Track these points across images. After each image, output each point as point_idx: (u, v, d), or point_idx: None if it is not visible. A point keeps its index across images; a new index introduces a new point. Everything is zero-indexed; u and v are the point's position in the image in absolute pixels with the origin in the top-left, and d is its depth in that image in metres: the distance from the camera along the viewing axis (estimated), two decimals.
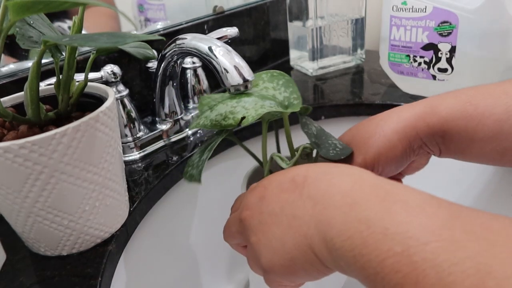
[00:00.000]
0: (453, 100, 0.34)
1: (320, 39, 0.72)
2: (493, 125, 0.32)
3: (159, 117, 0.54)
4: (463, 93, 0.34)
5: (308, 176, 0.27)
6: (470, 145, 0.34)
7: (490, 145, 0.33)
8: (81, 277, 0.34)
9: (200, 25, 0.65)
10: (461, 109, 0.33)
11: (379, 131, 0.36)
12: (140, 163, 0.51)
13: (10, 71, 0.49)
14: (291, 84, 0.38)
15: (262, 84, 0.38)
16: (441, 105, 0.34)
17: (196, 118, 0.32)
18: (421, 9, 0.57)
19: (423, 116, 0.35)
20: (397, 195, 0.22)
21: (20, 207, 0.33)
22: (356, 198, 0.23)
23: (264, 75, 0.39)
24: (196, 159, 0.37)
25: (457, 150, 0.35)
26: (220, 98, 0.37)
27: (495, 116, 0.32)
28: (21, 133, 0.34)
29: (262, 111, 0.33)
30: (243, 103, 0.35)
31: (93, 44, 0.29)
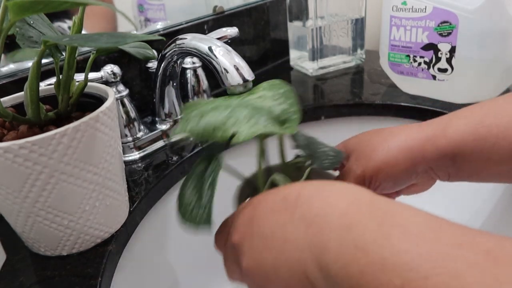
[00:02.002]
0: (464, 122, 0.32)
1: (320, 39, 0.72)
2: (509, 147, 0.31)
3: (159, 117, 0.54)
4: (474, 113, 0.33)
5: (300, 195, 0.24)
6: (484, 167, 0.33)
7: (506, 166, 0.32)
8: (81, 277, 0.34)
9: (200, 25, 0.65)
10: (473, 132, 0.32)
11: (385, 145, 0.35)
12: (140, 163, 0.51)
13: (10, 71, 0.49)
14: (291, 95, 0.35)
15: (260, 92, 0.35)
16: (451, 127, 0.33)
17: (181, 122, 0.29)
18: (421, 9, 0.57)
19: (433, 139, 0.33)
20: (396, 218, 0.20)
21: (20, 207, 0.33)
22: (353, 220, 0.21)
23: (265, 84, 0.36)
24: (192, 197, 0.31)
25: (470, 173, 0.34)
26: (212, 104, 0.31)
27: (510, 138, 0.31)
28: (21, 133, 0.34)
29: (255, 130, 0.30)
30: (237, 115, 0.30)
31: (93, 44, 0.29)
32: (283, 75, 0.77)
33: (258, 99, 0.34)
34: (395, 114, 0.62)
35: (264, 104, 0.33)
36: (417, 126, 0.36)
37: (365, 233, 0.20)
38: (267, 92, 0.35)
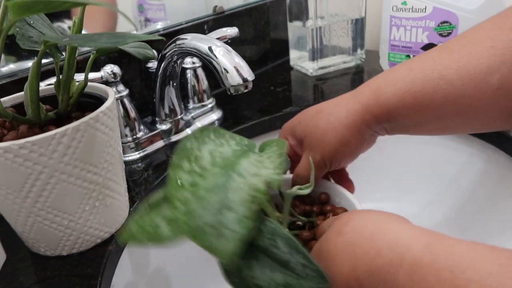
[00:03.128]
0: (393, 89, 0.35)
1: (320, 39, 0.72)
2: (433, 112, 0.35)
3: (159, 117, 0.54)
4: (403, 79, 0.35)
5: (360, 279, 0.24)
6: (414, 127, 0.37)
7: (431, 126, 0.36)
8: (81, 277, 0.34)
9: (200, 25, 0.65)
10: (401, 99, 0.35)
11: (331, 127, 0.37)
12: (140, 163, 0.51)
13: (10, 71, 0.49)
14: (222, 132, 0.31)
15: (202, 152, 0.28)
16: (382, 95, 0.36)
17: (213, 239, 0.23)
18: (421, 9, 0.57)
19: (369, 108, 0.37)
20: (465, 273, 0.20)
21: (20, 207, 0.33)
22: None
23: (189, 144, 0.28)
24: (269, 277, 0.26)
25: (402, 131, 0.38)
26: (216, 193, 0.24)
27: (434, 104, 0.34)
28: (21, 133, 0.34)
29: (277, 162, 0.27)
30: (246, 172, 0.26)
31: (93, 44, 0.29)
32: (283, 75, 0.77)
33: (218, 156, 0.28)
34: None
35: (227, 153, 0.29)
36: (352, 97, 0.38)
37: (482, 270, 0.20)
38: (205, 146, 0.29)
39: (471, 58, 0.33)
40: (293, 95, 0.68)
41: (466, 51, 0.33)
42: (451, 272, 0.20)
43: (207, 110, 0.60)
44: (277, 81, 0.74)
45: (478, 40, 0.33)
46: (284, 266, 0.26)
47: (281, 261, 0.26)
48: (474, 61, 0.33)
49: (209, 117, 0.60)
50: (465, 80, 0.33)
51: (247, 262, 0.26)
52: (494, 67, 0.32)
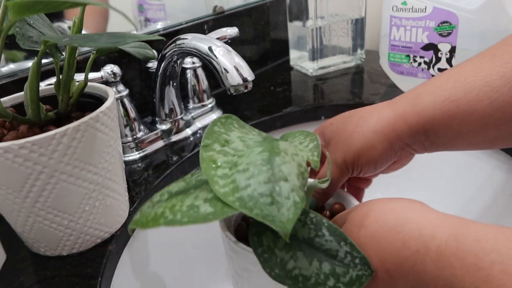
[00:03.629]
0: (432, 98, 0.33)
1: (320, 39, 0.72)
2: (478, 122, 0.32)
3: (159, 117, 0.54)
4: (442, 87, 0.33)
5: (389, 271, 0.25)
6: (456, 139, 0.34)
7: (477, 138, 0.33)
8: (81, 277, 0.34)
9: (200, 25, 0.65)
10: (442, 108, 0.32)
11: (359, 130, 0.35)
12: (140, 163, 0.51)
13: (10, 71, 0.49)
14: (241, 123, 0.30)
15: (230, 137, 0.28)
16: (420, 104, 0.33)
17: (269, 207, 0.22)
18: (421, 9, 0.57)
19: (403, 117, 0.34)
20: (489, 255, 0.21)
21: (20, 207, 0.33)
22: (449, 278, 0.22)
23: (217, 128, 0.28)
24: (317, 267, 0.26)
25: (443, 145, 0.34)
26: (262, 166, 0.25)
27: (479, 113, 0.31)
28: (21, 133, 0.34)
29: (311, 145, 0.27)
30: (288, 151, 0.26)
31: (93, 44, 0.29)
32: (283, 75, 0.77)
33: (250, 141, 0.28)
34: None
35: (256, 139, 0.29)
36: (387, 105, 0.36)
37: (465, 286, 0.21)
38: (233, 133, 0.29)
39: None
40: (293, 95, 0.68)
41: (509, 57, 0.31)
42: (476, 255, 0.21)
43: (207, 110, 0.60)
44: (277, 81, 0.74)
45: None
46: (330, 255, 0.26)
47: (327, 250, 0.26)
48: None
49: (209, 117, 0.60)
50: (511, 86, 0.30)
51: (292, 254, 0.26)
52: None
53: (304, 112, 0.62)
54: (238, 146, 0.27)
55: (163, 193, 0.27)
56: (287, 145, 0.28)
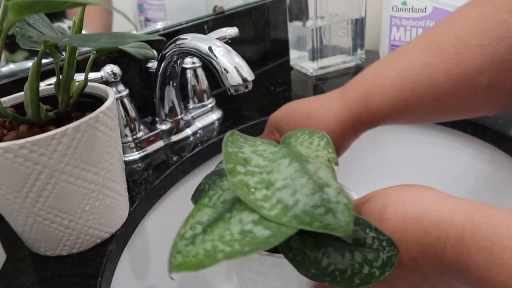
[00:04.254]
0: (383, 98, 0.36)
1: (320, 39, 0.72)
2: (422, 114, 0.36)
3: (159, 117, 0.54)
4: (392, 88, 0.36)
5: (414, 258, 0.26)
6: (399, 124, 0.39)
7: (418, 122, 0.38)
8: (81, 277, 0.34)
9: (200, 25, 0.65)
10: (392, 107, 0.36)
11: None
12: (140, 163, 0.51)
13: (10, 71, 0.49)
14: (243, 135, 0.30)
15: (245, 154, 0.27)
16: (372, 103, 0.37)
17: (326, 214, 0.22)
18: (421, 9, 0.57)
19: (359, 118, 0.38)
20: (502, 240, 0.22)
21: (20, 207, 0.33)
22: (467, 261, 0.23)
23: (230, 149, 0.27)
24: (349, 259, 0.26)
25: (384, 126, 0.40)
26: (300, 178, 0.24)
27: (424, 107, 0.35)
28: (21, 133, 0.34)
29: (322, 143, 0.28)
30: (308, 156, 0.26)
31: (93, 44, 0.29)
32: (283, 75, 0.77)
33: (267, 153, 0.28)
34: None
35: (270, 150, 0.29)
36: (340, 102, 0.39)
37: (479, 269, 0.22)
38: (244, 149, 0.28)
39: (460, 60, 0.33)
40: (293, 95, 0.68)
41: (455, 52, 0.33)
42: (490, 240, 0.22)
43: (207, 110, 0.60)
44: (277, 81, 0.74)
45: (466, 36, 0.33)
46: (359, 244, 0.27)
47: (355, 240, 0.27)
48: (463, 63, 0.33)
49: (209, 117, 0.60)
50: (454, 82, 0.33)
51: (324, 252, 0.26)
52: (483, 67, 0.32)
53: None
54: (259, 162, 0.26)
55: (192, 225, 0.25)
56: (304, 149, 0.28)
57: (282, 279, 0.32)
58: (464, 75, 0.33)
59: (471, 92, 0.33)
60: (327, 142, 0.29)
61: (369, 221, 0.27)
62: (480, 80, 0.32)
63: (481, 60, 0.32)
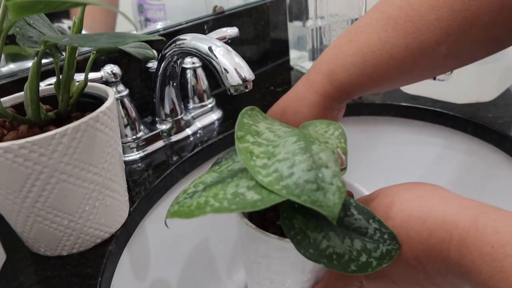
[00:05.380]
0: (345, 75, 0.37)
1: (320, 39, 0.72)
2: (387, 84, 0.37)
3: (159, 117, 0.54)
4: (353, 64, 0.37)
5: (419, 257, 0.26)
6: (372, 92, 0.40)
7: (386, 89, 0.39)
8: (81, 277, 0.34)
9: (200, 25, 0.65)
10: (356, 82, 0.37)
11: (298, 124, 0.37)
12: (140, 163, 0.51)
13: (10, 71, 0.49)
14: (264, 114, 0.31)
15: (259, 128, 0.28)
16: (337, 81, 0.38)
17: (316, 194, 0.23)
18: None
19: (328, 95, 0.39)
20: (504, 247, 0.22)
21: (20, 207, 0.33)
22: (468, 265, 0.23)
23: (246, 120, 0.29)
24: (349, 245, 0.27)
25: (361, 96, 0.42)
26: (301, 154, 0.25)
27: (387, 79, 0.37)
28: (21, 133, 0.34)
29: (336, 133, 0.28)
30: (319, 140, 0.26)
31: (93, 45, 0.29)
32: (283, 75, 0.77)
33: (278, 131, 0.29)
34: (395, 114, 0.62)
35: (283, 129, 0.29)
36: (307, 87, 0.40)
37: (481, 273, 0.22)
38: (260, 124, 0.30)
39: (418, 34, 0.33)
40: None
41: (412, 26, 0.33)
42: (492, 247, 0.22)
43: (207, 110, 0.60)
44: (277, 81, 0.74)
45: (423, 10, 0.33)
46: (360, 233, 0.27)
47: (357, 228, 0.27)
48: (421, 37, 0.33)
49: (209, 117, 0.60)
50: (415, 55, 0.34)
51: (324, 234, 0.27)
52: (441, 39, 0.33)
53: None
54: (269, 137, 0.27)
55: (196, 184, 0.27)
56: (316, 134, 0.28)
57: (286, 264, 0.33)
58: (423, 48, 0.34)
59: (431, 62, 0.35)
60: (341, 133, 0.30)
61: (373, 213, 0.28)
62: (438, 51, 0.34)
63: (438, 33, 0.33)
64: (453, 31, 0.32)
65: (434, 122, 0.59)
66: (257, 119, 0.30)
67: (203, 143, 0.54)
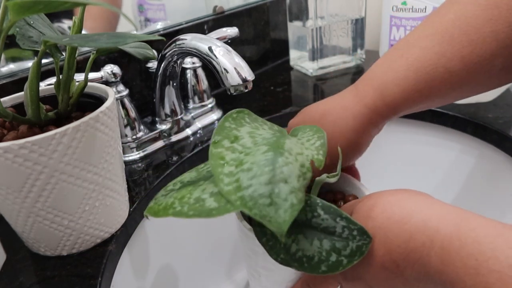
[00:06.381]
0: (397, 90, 0.36)
1: (320, 39, 0.72)
2: (438, 100, 0.36)
3: (159, 117, 0.54)
4: (406, 79, 0.35)
5: (396, 261, 0.26)
6: (419, 110, 0.38)
7: (437, 106, 0.38)
8: (81, 277, 0.34)
9: (200, 25, 0.65)
10: (408, 97, 0.35)
11: (338, 131, 0.37)
12: (140, 163, 0.51)
13: (10, 71, 0.49)
14: (254, 116, 0.31)
15: (241, 133, 0.29)
16: (388, 96, 0.36)
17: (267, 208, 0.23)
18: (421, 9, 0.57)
19: (376, 110, 0.37)
20: (488, 262, 0.21)
21: (20, 207, 0.33)
22: (451, 275, 0.22)
23: (228, 123, 0.29)
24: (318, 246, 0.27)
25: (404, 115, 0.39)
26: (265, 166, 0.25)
27: (440, 94, 0.35)
28: (21, 133, 0.34)
29: (317, 143, 0.28)
30: (292, 151, 0.26)
31: (93, 45, 0.29)
32: (283, 75, 0.77)
33: (259, 137, 0.29)
34: None
35: (266, 134, 0.30)
36: (355, 98, 0.38)
37: (504, 260, 0.21)
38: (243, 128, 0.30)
39: (474, 47, 0.33)
40: (293, 95, 0.68)
41: (467, 39, 0.33)
42: (476, 260, 0.22)
43: (207, 110, 0.60)
44: (277, 81, 0.74)
45: (477, 23, 0.33)
46: (328, 232, 0.27)
47: (325, 228, 0.27)
48: (477, 50, 0.33)
49: (209, 117, 0.60)
50: (470, 69, 0.33)
51: (294, 238, 0.27)
52: (497, 52, 0.32)
53: None
54: (247, 143, 0.27)
55: (176, 182, 0.28)
56: (294, 143, 0.28)
57: (285, 276, 0.34)
58: (478, 61, 0.33)
59: (485, 75, 0.34)
60: (322, 144, 0.29)
61: (341, 211, 0.27)
62: (493, 65, 0.33)
63: (494, 46, 0.32)
64: (509, 44, 0.32)
65: (434, 122, 0.59)
66: (242, 123, 0.30)
67: (203, 143, 0.54)
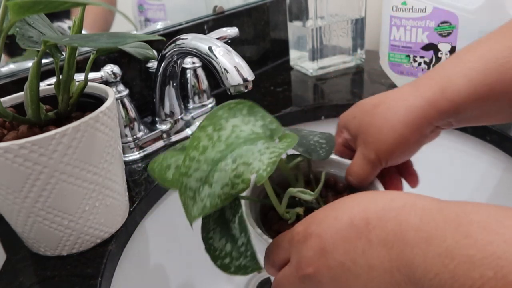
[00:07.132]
0: (464, 81, 0.32)
1: (320, 39, 0.72)
2: (508, 101, 0.32)
3: (159, 117, 0.54)
4: (474, 70, 0.32)
5: (369, 218, 0.25)
6: (483, 117, 0.34)
7: (504, 115, 0.33)
8: (81, 277, 0.34)
9: (200, 25, 0.65)
10: (475, 91, 0.32)
11: (388, 125, 0.34)
12: (140, 163, 0.51)
13: (10, 71, 0.49)
14: (256, 109, 0.32)
15: (227, 124, 0.30)
16: (450, 88, 0.32)
17: (188, 200, 0.27)
18: (421, 9, 0.57)
19: (434, 104, 0.33)
20: (470, 216, 0.21)
21: (20, 207, 0.33)
22: (430, 232, 0.22)
23: (221, 112, 0.30)
24: (223, 246, 0.30)
25: (469, 122, 0.35)
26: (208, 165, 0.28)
27: (509, 95, 0.31)
28: (21, 133, 0.34)
29: (273, 159, 0.28)
30: (240, 159, 0.28)
31: (93, 45, 0.29)
32: (283, 75, 0.77)
33: (233, 133, 0.30)
34: None
35: (243, 133, 0.30)
36: (412, 90, 0.35)
37: (446, 240, 0.21)
38: (233, 120, 0.31)
39: None
40: (293, 95, 0.68)
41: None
42: (457, 214, 0.22)
43: (207, 110, 0.60)
44: (277, 81, 0.74)
45: None
46: (233, 240, 0.30)
47: (232, 236, 0.30)
48: None
49: None
50: None
51: (215, 227, 0.30)
52: None
53: (304, 112, 0.62)
54: (223, 136, 0.29)
55: (185, 142, 0.32)
56: (251, 151, 0.28)
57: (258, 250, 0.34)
58: None
59: None
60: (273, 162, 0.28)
61: (247, 229, 0.29)
62: None
63: None
64: None
65: None
66: (236, 114, 0.30)
67: None
